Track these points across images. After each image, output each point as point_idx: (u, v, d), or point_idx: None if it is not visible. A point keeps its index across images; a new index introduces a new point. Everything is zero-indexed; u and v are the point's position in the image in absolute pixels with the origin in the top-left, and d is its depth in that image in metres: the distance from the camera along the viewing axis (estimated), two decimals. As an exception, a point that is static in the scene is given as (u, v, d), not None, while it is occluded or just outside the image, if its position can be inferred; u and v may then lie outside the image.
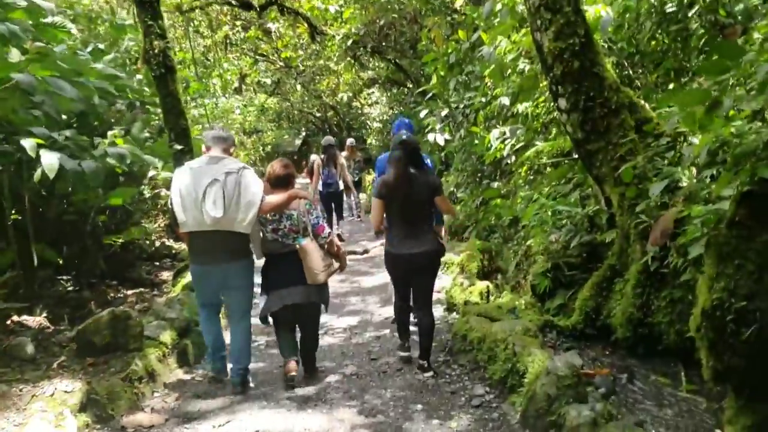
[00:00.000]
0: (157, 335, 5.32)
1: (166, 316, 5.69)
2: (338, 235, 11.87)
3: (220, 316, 5.28)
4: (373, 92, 25.52)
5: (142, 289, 8.11)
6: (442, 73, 9.80)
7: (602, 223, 5.72)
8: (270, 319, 5.05)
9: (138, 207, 8.56)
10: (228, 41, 21.04)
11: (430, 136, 11.68)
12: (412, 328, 5.60)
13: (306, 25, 13.61)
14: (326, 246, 4.87)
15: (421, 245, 4.92)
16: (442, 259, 6.09)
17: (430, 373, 5.05)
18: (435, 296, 7.68)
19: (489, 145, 8.52)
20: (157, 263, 9.46)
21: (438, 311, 7.02)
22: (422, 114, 12.57)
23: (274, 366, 5.61)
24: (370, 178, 23.38)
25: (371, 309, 7.44)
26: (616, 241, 5.24)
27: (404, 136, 4.96)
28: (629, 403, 4.31)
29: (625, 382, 4.64)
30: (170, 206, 4.76)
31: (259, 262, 5.02)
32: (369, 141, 27.46)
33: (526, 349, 4.39)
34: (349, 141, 15.55)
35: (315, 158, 12.52)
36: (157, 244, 9.81)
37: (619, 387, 4.55)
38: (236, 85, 19.39)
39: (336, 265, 5.03)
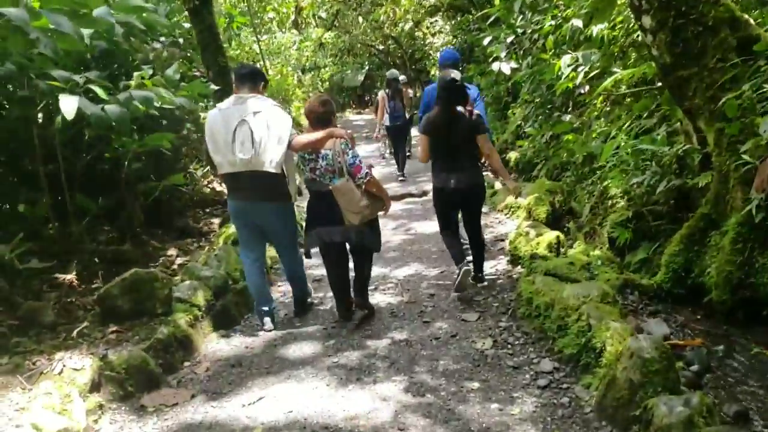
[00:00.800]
0: (189, 297, 4.84)
1: (201, 275, 5.19)
2: (400, 177, 12.16)
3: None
4: (436, 21, 24.27)
5: (188, 240, 7.72)
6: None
7: (694, 164, 4.86)
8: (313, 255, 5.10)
9: (180, 152, 8.09)
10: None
11: (495, 65, 10.73)
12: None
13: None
14: (364, 187, 4.66)
15: (463, 179, 5.19)
16: (506, 203, 7.16)
17: (485, 283, 5.64)
18: (498, 245, 7.06)
19: (559, 73, 7.58)
20: (207, 210, 9.05)
21: (501, 264, 6.33)
22: (486, 41, 11.61)
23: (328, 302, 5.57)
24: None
25: (427, 260, 6.80)
26: (711, 186, 4.41)
27: (450, 77, 5.13)
28: (728, 384, 3.57)
29: (722, 355, 3.90)
30: (204, 149, 4.81)
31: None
32: (433, 72, 26.37)
33: (603, 322, 3.66)
34: (402, 78, 14.65)
35: (381, 94, 12.66)
36: (207, 190, 9.38)
37: (715, 361, 3.82)
38: (293, 19, 18.58)
39: (377, 205, 4.83)
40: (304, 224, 5.06)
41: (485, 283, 5.62)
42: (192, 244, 7.47)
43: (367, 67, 36.93)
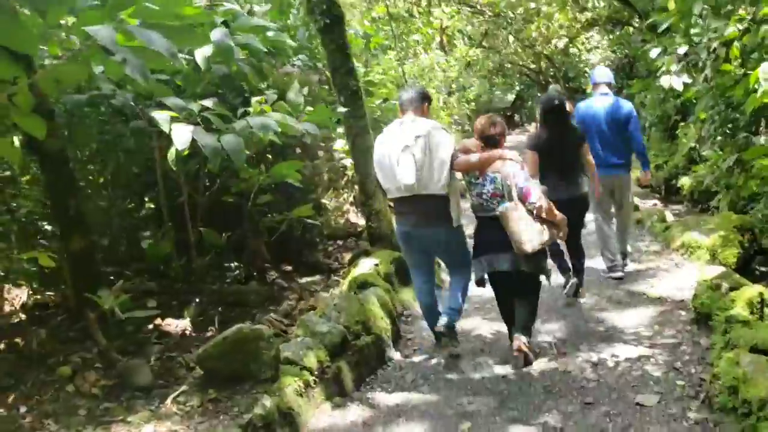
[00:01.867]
0: (300, 358, 4.12)
1: (316, 330, 4.48)
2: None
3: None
4: (591, 36, 22.74)
5: (316, 277, 7.14)
6: (683, -4, 7.50)
7: None
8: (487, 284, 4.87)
9: (312, 181, 7.56)
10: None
11: (664, 80, 9.36)
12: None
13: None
14: (536, 212, 4.34)
15: (573, 190, 5.60)
16: (682, 240, 7.00)
17: (584, 299, 5.94)
18: (675, 294, 5.83)
19: (754, 87, 6.23)
20: (340, 242, 8.48)
21: (682, 323, 5.11)
22: (653, 53, 10.26)
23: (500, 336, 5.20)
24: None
25: (588, 314, 5.67)
26: None
27: (555, 102, 5.75)
28: None
29: None
30: (374, 173, 4.99)
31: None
32: (589, 90, 24.73)
33: None
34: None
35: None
36: (341, 221, 8.82)
37: None
38: (438, 39, 17.98)
39: (554, 232, 4.51)
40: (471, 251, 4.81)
41: (584, 299, 5.94)
42: (320, 283, 6.87)
43: (517, 87, 35.72)
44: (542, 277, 4.72)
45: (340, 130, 7.80)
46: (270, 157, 7.43)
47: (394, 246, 6.79)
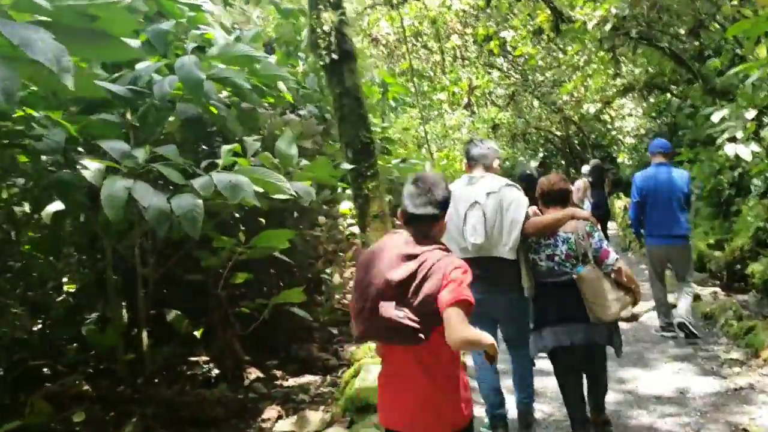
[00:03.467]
0: None
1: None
2: None
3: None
4: (624, 103, 21.50)
5: (308, 379, 5.63)
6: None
7: None
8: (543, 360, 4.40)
9: (308, 254, 6.13)
10: (459, 54, 18.62)
11: (728, 148, 7.97)
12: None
13: (547, 10, 10.48)
14: (613, 275, 4.02)
15: None
16: None
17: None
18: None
19: None
20: (342, 327, 6.98)
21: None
22: (716, 117, 8.89)
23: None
24: (620, 203, 19.39)
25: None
26: None
27: (526, 172, 6.96)
28: None
29: None
30: None
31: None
32: (620, 159, 23.34)
33: None
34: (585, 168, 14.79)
35: (580, 182, 12.73)
36: (346, 301, 7.32)
37: None
38: (465, 100, 16.81)
39: (628, 299, 4.08)
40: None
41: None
42: (312, 387, 5.35)
43: (541, 154, 34.50)
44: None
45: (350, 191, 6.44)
46: (263, 221, 6.07)
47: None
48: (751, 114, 8.15)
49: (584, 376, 4.28)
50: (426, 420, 2.55)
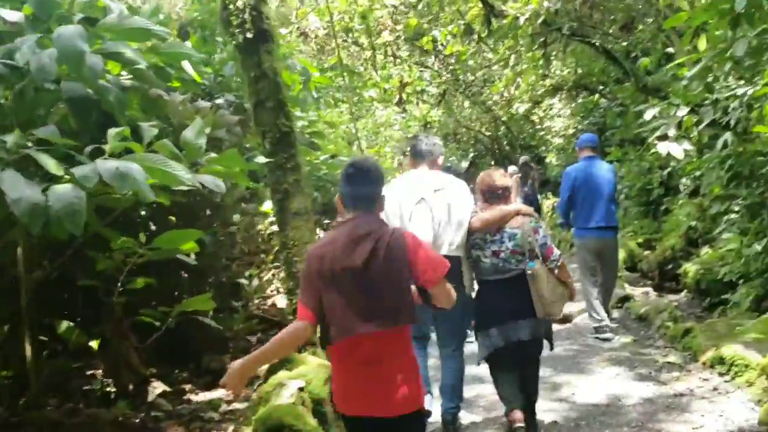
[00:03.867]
0: None
1: None
2: None
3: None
4: (553, 104, 21.60)
5: (221, 394, 5.08)
6: (718, 32, 5.90)
7: None
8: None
9: (219, 255, 5.57)
10: (391, 52, 18.21)
11: (661, 147, 7.82)
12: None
13: (480, 4, 10.20)
14: (556, 271, 4.05)
15: None
16: (715, 353, 5.31)
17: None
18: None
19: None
20: (261, 336, 6.43)
21: None
22: (648, 114, 8.77)
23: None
24: (549, 203, 19.45)
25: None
26: None
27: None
28: None
29: None
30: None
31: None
32: (548, 159, 23.47)
33: None
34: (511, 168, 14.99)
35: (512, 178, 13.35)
36: (267, 306, 6.78)
37: None
38: (396, 97, 16.43)
39: (567, 293, 4.17)
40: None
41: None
42: (220, 406, 4.80)
43: (472, 154, 34.60)
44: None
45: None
46: (174, 219, 5.50)
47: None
48: (683, 111, 8.04)
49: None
50: (400, 400, 2.58)
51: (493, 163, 33.44)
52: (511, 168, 15.23)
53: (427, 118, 15.43)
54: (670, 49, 10.45)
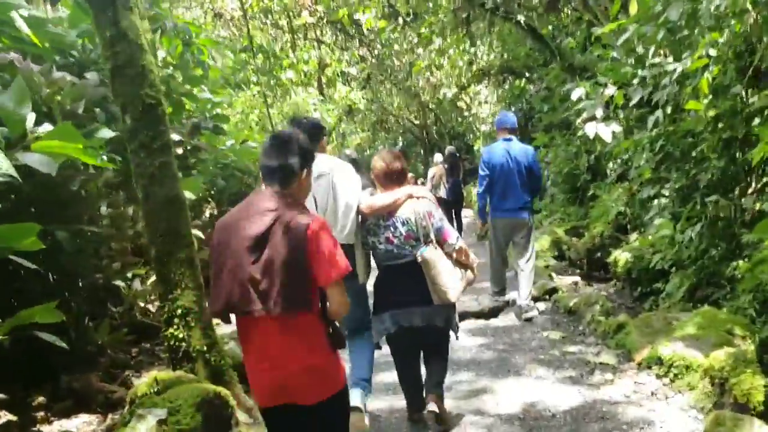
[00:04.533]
0: None
1: None
2: None
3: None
4: (480, 90, 21.20)
5: (80, 420, 4.23)
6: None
7: None
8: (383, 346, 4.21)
9: (85, 254, 4.68)
10: (313, 36, 17.34)
11: (588, 128, 7.39)
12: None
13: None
14: (454, 255, 3.92)
15: None
16: (650, 353, 4.87)
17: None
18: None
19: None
20: (147, 346, 5.58)
21: None
22: (575, 94, 8.32)
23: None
24: (476, 191, 19.01)
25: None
26: None
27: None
28: None
29: None
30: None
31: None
32: (476, 147, 23.11)
33: None
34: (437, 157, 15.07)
35: (437, 169, 13.47)
36: (149, 310, 5.91)
37: None
38: (316, 79, 15.59)
39: (470, 277, 4.05)
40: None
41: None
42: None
43: (401, 143, 34.12)
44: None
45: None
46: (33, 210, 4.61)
47: (214, 369, 4.09)
48: (611, 90, 7.61)
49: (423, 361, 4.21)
50: (310, 386, 2.50)
51: (422, 152, 33.12)
52: (437, 157, 14.78)
53: (347, 102, 14.61)
54: (597, 30, 10.04)
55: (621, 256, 7.64)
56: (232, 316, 2.67)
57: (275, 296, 2.40)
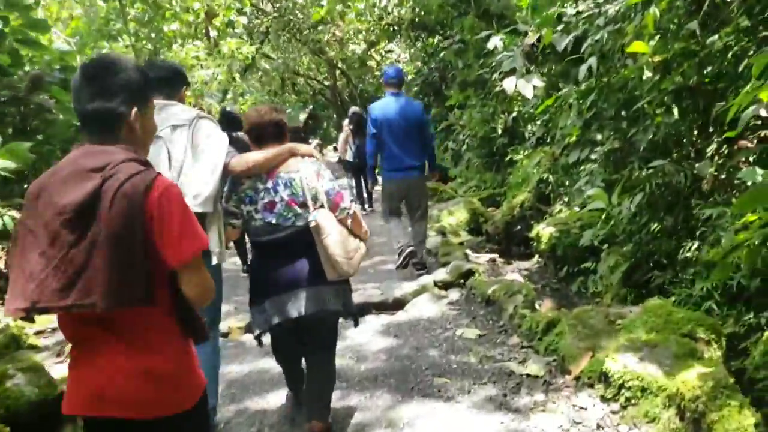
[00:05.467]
0: None
1: None
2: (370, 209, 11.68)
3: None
4: (392, 48, 19.90)
5: None
6: None
7: None
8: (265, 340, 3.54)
9: None
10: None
11: (507, 83, 6.40)
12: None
13: None
14: (349, 221, 3.32)
15: None
16: (587, 363, 3.77)
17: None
18: None
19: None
20: None
21: None
22: (491, 42, 7.29)
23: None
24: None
25: None
26: None
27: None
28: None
29: None
30: None
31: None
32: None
33: None
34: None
35: (345, 128, 12.46)
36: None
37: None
38: (205, 31, 13.85)
39: (363, 247, 3.44)
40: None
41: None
42: None
43: (310, 106, 32.56)
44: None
45: None
46: None
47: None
48: (531, 39, 6.54)
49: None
50: (146, 396, 1.92)
51: (335, 115, 31.68)
52: (347, 120, 13.69)
53: (238, 55, 12.94)
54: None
55: (544, 231, 6.62)
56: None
57: (102, 287, 1.78)
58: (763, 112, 3.46)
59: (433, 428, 3.47)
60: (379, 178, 7.11)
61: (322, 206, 3.24)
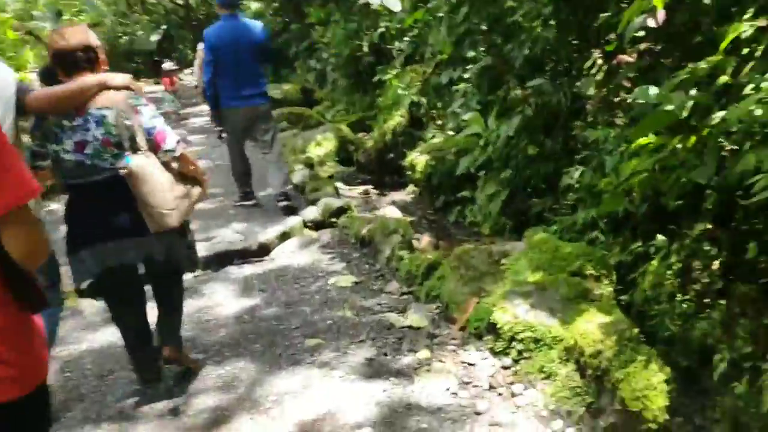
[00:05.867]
0: None
1: None
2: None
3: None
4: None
5: None
6: None
7: None
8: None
9: None
10: None
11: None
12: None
13: None
14: (175, 164, 3.03)
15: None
16: (497, 320, 3.20)
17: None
18: None
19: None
20: None
21: None
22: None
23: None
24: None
25: None
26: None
27: None
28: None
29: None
30: None
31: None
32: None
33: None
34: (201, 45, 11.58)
35: (200, 48, 10.23)
36: None
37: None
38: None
39: (195, 192, 3.12)
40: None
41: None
42: None
43: (164, 27, 30.13)
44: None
45: None
46: None
47: None
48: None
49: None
50: None
51: (192, 37, 29.51)
52: (201, 44, 12.45)
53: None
54: None
55: (419, 159, 6.19)
56: None
57: None
58: (651, 23, 3.11)
59: (304, 406, 3.00)
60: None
61: (141, 148, 2.88)
